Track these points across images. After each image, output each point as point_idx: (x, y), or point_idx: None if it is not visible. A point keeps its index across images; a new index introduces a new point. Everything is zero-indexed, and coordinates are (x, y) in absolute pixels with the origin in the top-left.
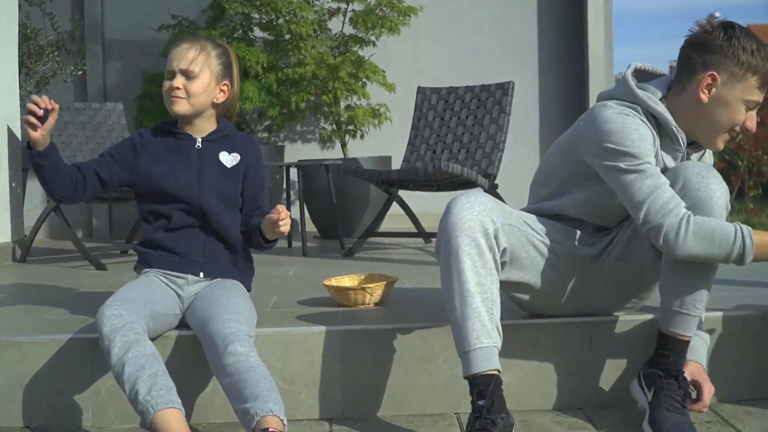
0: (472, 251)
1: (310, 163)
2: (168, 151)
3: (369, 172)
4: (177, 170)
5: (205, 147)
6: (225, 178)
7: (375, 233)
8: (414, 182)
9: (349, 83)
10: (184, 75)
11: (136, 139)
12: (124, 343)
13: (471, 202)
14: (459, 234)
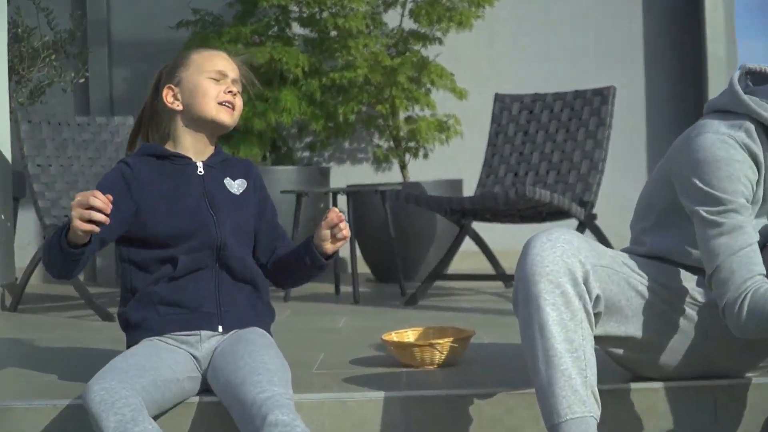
0: (556, 300)
1: (362, 188)
2: (165, 180)
3: (435, 200)
4: (184, 202)
5: (208, 173)
6: (236, 206)
7: (443, 276)
8: (491, 212)
9: (409, 90)
10: (233, 84)
11: (125, 172)
12: (119, 423)
13: (553, 240)
14: (539, 280)
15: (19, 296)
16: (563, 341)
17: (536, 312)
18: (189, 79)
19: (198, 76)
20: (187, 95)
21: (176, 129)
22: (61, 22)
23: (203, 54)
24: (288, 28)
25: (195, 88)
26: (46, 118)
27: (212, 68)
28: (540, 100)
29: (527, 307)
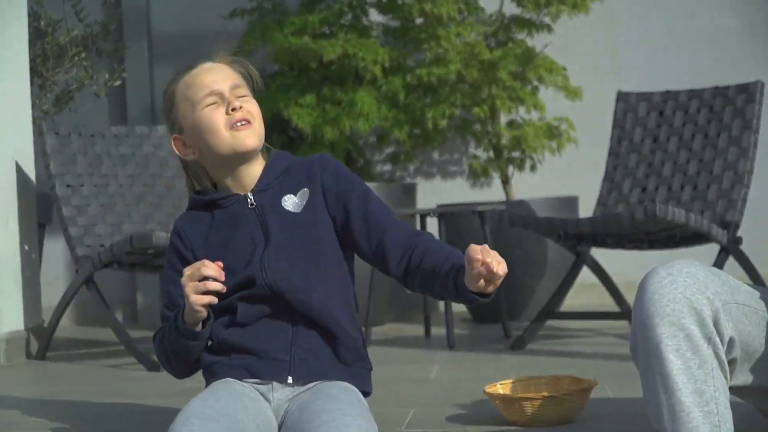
0: (681, 345)
1: (455, 209)
2: (217, 231)
3: (546, 223)
4: (234, 249)
5: (261, 200)
6: (298, 229)
7: (556, 314)
8: (614, 236)
9: (512, 88)
10: (234, 96)
11: (177, 244)
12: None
13: (674, 274)
14: (659, 323)
15: (47, 342)
16: (691, 393)
17: (657, 361)
18: (186, 121)
19: (192, 112)
20: (194, 139)
21: (209, 171)
22: (91, 12)
23: (185, 81)
24: (364, 16)
25: (197, 128)
26: (76, 129)
27: (201, 94)
28: (672, 98)
29: (647, 356)
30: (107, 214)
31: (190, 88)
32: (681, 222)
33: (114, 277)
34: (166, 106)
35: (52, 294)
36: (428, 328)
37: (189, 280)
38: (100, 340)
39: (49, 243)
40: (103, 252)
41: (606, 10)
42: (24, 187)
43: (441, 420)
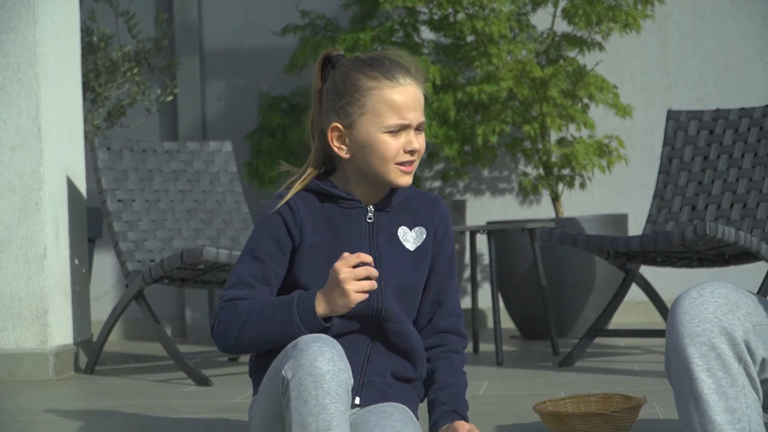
0: (712, 365)
1: (505, 226)
2: (327, 226)
3: (595, 240)
4: (338, 251)
5: (379, 219)
6: (407, 266)
7: (605, 331)
8: (664, 254)
9: (563, 106)
10: (416, 134)
11: (287, 217)
12: None
13: (705, 295)
14: (689, 342)
15: (96, 356)
16: (723, 412)
17: (688, 381)
18: (362, 129)
19: (372, 127)
20: (357, 147)
21: (343, 170)
22: (144, 28)
23: (383, 93)
24: (416, 33)
25: (368, 144)
26: (128, 145)
27: (392, 121)
28: (722, 117)
29: (679, 376)
30: (158, 229)
31: (384, 105)
32: (730, 240)
33: (163, 292)
34: (347, 87)
35: (101, 308)
36: (477, 345)
37: (347, 273)
38: (149, 355)
39: (99, 258)
40: (154, 267)
41: (657, 28)
42: (75, 201)
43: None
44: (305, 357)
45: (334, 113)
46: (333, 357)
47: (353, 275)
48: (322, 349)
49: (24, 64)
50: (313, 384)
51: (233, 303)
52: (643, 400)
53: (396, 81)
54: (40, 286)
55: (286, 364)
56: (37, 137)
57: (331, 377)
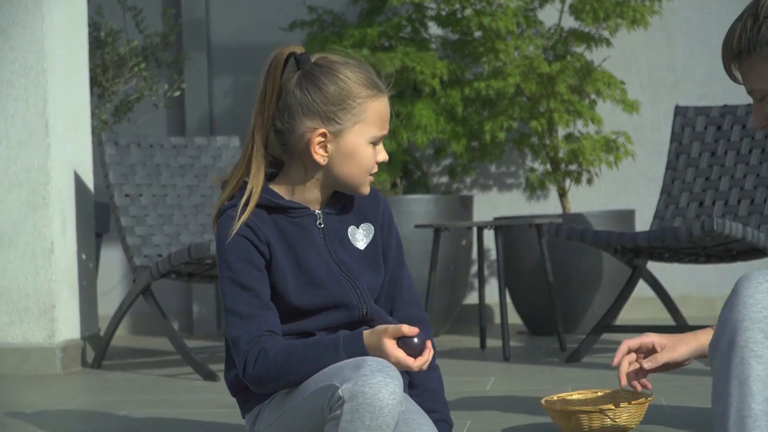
0: (764, 353)
1: (512, 221)
2: (284, 239)
3: (603, 236)
4: (310, 266)
5: (328, 223)
6: (365, 266)
7: (612, 327)
8: (671, 250)
9: (570, 102)
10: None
11: (252, 237)
12: None
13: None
14: (749, 326)
15: (103, 351)
16: (763, 402)
17: (739, 364)
18: (350, 138)
19: (362, 138)
20: (340, 155)
21: (304, 177)
22: (152, 23)
23: (378, 105)
24: (423, 29)
25: (353, 153)
26: (135, 140)
27: (378, 132)
28: (730, 113)
29: (728, 357)
30: (165, 224)
31: (376, 115)
32: (738, 236)
33: (170, 286)
34: (333, 97)
35: (108, 303)
36: (484, 340)
37: (394, 350)
38: (156, 350)
39: (107, 252)
40: (161, 262)
41: (665, 24)
42: (82, 196)
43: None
44: (369, 386)
45: (319, 118)
46: (395, 390)
47: (396, 361)
48: (386, 381)
49: (31, 59)
50: (370, 415)
51: (264, 350)
52: (651, 395)
53: (383, 91)
54: (47, 280)
55: (345, 383)
56: (44, 132)
57: (387, 411)
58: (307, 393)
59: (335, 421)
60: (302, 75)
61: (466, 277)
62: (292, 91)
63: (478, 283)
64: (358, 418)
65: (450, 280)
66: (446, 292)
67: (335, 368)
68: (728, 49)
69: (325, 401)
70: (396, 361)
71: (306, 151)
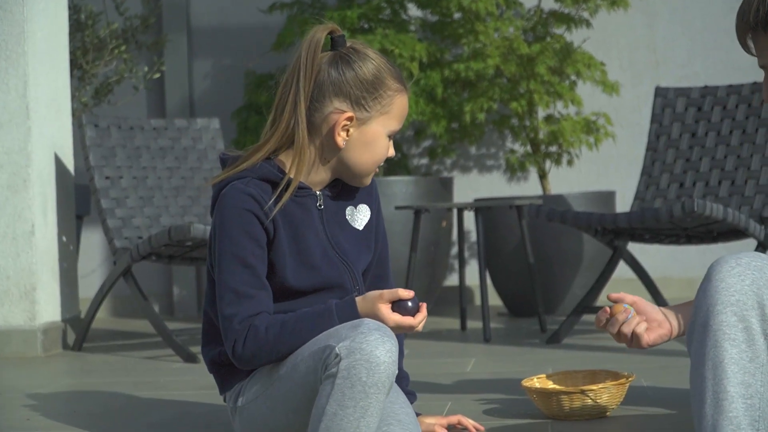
0: (737, 336)
1: (493, 203)
2: (287, 218)
3: (583, 217)
4: (308, 246)
5: (327, 205)
6: (361, 247)
7: (592, 308)
8: (652, 231)
9: (550, 83)
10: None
11: (258, 212)
12: None
13: (742, 265)
14: (722, 310)
15: (84, 333)
16: (738, 384)
17: (713, 347)
18: (374, 127)
19: (383, 129)
20: (359, 142)
21: (318, 158)
22: (131, 6)
23: (403, 100)
24: (403, 11)
25: (372, 142)
26: (116, 122)
27: (399, 125)
28: (711, 94)
29: (703, 341)
30: (145, 206)
31: (399, 110)
32: (719, 217)
33: (151, 269)
34: (374, 83)
35: (89, 285)
36: (464, 322)
37: (389, 313)
38: (137, 332)
39: (87, 235)
40: (141, 244)
41: (645, 5)
42: (62, 178)
43: (478, 413)
44: (366, 342)
45: (351, 102)
46: (391, 348)
47: (395, 324)
48: (383, 339)
49: (12, 42)
50: (366, 371)
51: (254, 328)
52: (631, 376)
53: (407, 89)
54: (28, 263)
55: (342, 342)
56: (24, 114)
57: (384, 369)
58: (299, 359)
59: (331, 378)
60: (339, 56)
61: (446, 259)
62: (326, 70)
63: (458, 264)
64: (354, 374)
65: (430, 262)
66: (427, 273)
67: (330, 331)
68: (744, 21)
69: (319, 362)
70: (395, 325)
71: (329, 132)
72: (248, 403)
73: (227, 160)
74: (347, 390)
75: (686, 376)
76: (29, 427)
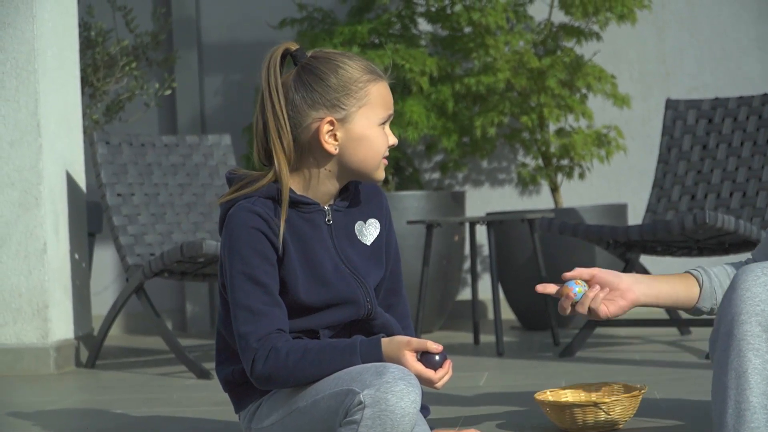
0: (761, 346)
1: (505, 217)
2: (296, 236)
3: (595, 230)
4: (319, 262)
5: (336, 219)
6: (371, 262)
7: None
8: (663, 244)
9: (561, 96)
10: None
11: (266, 230)
12: None
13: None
14: (747, 319)
15: (97, 350)
16: (761, 395)
17: (736, 357)
18: (358, 122)
19: (369, 121)
20: (351, 141)
21: (317, 170)
22: (142, 23)
23: (380, 87)
24: (413, 25)
25: (363, 137)
26: (127, 139)
27: (386, 111)
28: (721, 106)
29: (726, 350)
30: (157, 223)
31: (379, 97)
32: (730, 229)
33: (163, 285)
34: (334, 84)
35: (101, 303)
36: (477, 336)
37: (414, 362)
38: (150, 349)
39: (99, 252)
40: (154, 261)
41: (655, 18)
42: (74, 196)
43: (491, 427)
44: (392, 393)
45: (325, 107)
46: (416, 399)
47: (417, 371)
48: (408, 390)
49: (22, 60)
50: (392, 423)
51: (276, 350)
52: (644, 389)
53: (382, 76)
54: (40, 280)
55: (367, 389)
56: (36, 132)
57: (408, 420)
58: (320, 396)
59: (353, 425)
60: (301, 69)
61: (459, 273)
62: (293, 87)
63: (471, 278)
64: (379, 425)
65: (443, 276)
66: (439, 287)
67: (353, 372)
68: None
69: (340, 405)
70: (416, 374)
71: (316, 143)
72: (264, 427)
73: (233, 179)
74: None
75: (699, 388)
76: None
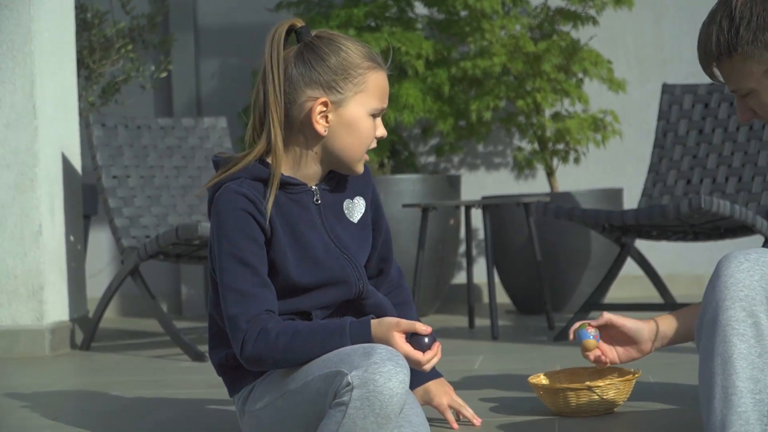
0: (746, 331)
1: (500, 200)
2: (283, 214)
3: (590, 215)
4: (309, 242)
5: (324, 199)
6: (359, 240)
7: (600, 305)
8: (659, 228)
9: (557, 81)
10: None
11: (254, 211)
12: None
13: (751, 261)
14: (731, 305)
15: (92, 332)
16: (747, 379)
17: (721, 342)
18: (351, 109)
19: (363, 109)
20: (340, 125)
21: (305, 151)
22: (138, 5)
23: (379, 77)
24: (409, 9)
25: (354, 124)
26: (123, 121)
27: (380, 103)
28: (717, 91)
29: (711, 336)
30: (153, 205)
31: (377, 87)
32: (726, 214)
33: (159, 268)
34: (335, 66)
35: (97, 285)
36: (472, 320)
37: (402, 342)
38: (145, 331)
39: (95, 234)
40: (149, 243)
41: (652, 2)
42: (70, 178)
43: (485, 410)
44: (380, 374)
45: (321, 87)
46: (404, 379)
47: (405, 352)
48: (396, 370)
49: (19, 42)
50: (380, 404)
51: (265, 331)
52: (637, 373)
53: (382, 66)
54: (35, 262)
55: (355, 370)
56: (32, 114)
57: (396, 401)
58: (310, 378)
59: (342, 407)
60: (303, 47)
61: (454, 257)
62: (293, 62)
63: (466, 262)
64: (367, 406)
65: (438, 260)
66: (434, 271)
67: (342, 354)
68: (707, 53)
69: (330, 387)
70: (404, 355)
71: (307, 122)
72: (257, 410)
73: (219, 162)
74: (359, 420)
75: (693, 372)
76: (42, 425)
